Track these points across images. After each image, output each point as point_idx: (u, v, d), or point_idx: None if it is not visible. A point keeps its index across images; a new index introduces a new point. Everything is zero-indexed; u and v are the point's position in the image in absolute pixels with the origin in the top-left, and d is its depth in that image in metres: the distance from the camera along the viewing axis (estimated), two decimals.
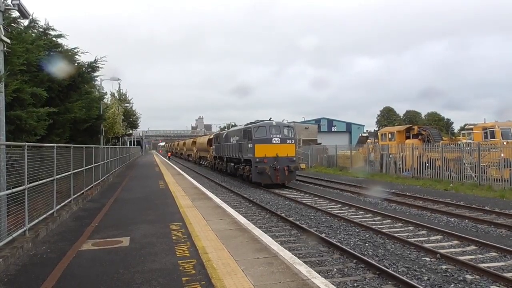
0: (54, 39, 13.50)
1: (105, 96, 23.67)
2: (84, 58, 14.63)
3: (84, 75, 14.35)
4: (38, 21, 12.82)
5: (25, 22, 12.03)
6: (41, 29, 13.16)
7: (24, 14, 7.52)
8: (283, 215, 12.68)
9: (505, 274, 6.97)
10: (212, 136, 36.67)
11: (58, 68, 11.41)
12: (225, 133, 28.84)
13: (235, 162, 24.66)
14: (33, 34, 12.43)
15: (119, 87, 36.97)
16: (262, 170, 19.75)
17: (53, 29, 13.39)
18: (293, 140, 21.50)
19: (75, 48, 14.00)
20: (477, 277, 7.00)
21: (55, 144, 8.96)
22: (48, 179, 8.39)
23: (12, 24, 10.54)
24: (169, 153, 72.26)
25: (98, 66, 15.04)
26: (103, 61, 15.21)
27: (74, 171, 10.92)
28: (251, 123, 22.72)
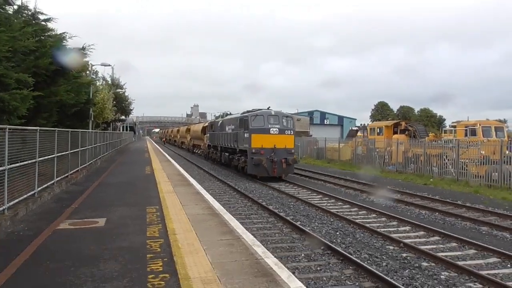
0: (43, 23, 13.60)
1: (96, 82, 23.72)
2: (72, 43, 14.53)
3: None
4: (27, 6, 12.89)
5: (15, 6, 12.13)
6: (30, 13, 13.23)
7: (7, 1, 7.69)
8: (264, 203, 13.07)
9: (458, 262, 7.43)
10: (206, 124, 35.68)
11: (46, 54, 11.55)
12: (220, 121, 27.85)
13: (230, 152, 23.57)
14: (22, 18, 12.52)
15: (112, 72, 36.80)
16: (259, 162, 18.78)
17: (42, 13, 13.49)
18: (292, 131, 20.20)
19: (63, 33, 14.10)
20: (432, 264, 7.45)
21: (37, 128, 9.20)
22: (30, 161, 8.67)
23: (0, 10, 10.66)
24: (164, 139, 71.39)
25: (86, 53, 15.16)
26: (92, 49, 15.33)
27: (58, 154, 11.18)
28: (248, 111, 21.42)
